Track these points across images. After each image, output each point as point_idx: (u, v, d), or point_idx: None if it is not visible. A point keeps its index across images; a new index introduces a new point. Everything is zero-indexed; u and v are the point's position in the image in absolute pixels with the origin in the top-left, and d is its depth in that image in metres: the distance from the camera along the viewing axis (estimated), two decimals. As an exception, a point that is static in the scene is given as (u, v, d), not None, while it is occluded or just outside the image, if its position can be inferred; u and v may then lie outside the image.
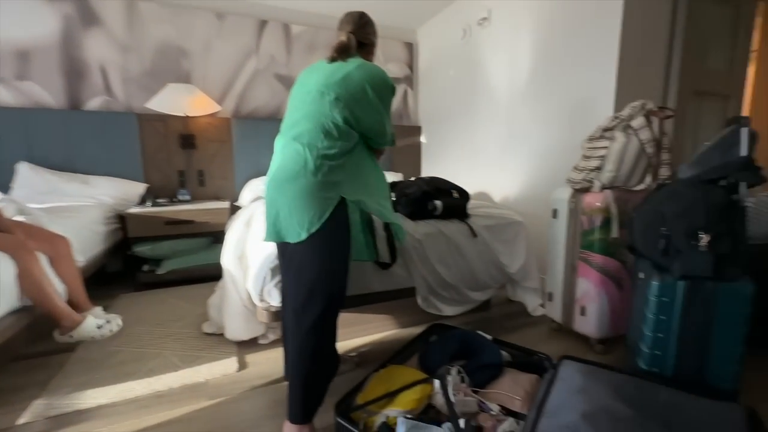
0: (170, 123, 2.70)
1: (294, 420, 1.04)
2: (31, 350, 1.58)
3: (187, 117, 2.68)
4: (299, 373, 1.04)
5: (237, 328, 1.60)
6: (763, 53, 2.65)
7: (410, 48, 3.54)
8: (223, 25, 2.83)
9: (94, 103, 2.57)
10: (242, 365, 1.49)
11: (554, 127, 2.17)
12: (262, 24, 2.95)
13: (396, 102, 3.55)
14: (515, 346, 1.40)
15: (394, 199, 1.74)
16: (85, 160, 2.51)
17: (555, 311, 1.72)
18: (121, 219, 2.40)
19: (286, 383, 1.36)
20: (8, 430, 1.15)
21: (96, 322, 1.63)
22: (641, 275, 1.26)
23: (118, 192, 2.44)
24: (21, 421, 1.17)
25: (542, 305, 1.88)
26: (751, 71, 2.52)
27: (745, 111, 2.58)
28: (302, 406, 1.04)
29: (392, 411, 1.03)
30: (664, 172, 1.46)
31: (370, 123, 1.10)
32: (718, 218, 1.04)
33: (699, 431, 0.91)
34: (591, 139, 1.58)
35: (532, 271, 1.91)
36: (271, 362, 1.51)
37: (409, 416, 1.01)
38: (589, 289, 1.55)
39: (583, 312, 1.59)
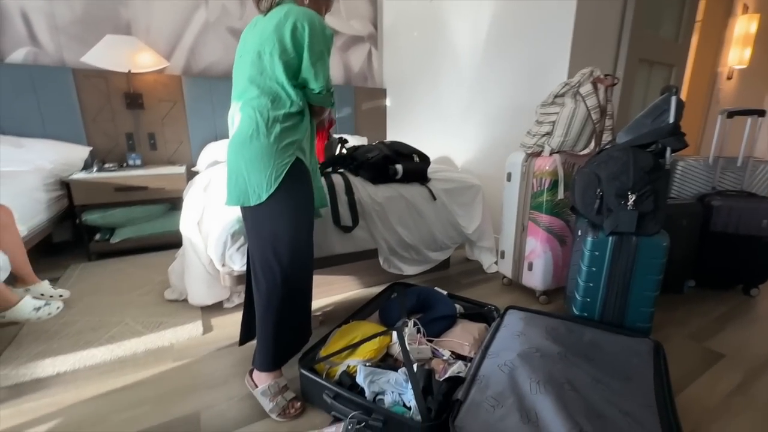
0: (112, 80, 2.47)
1: (261, 368, 1.11)
2: (-25, 324, 1.50)
3: (131, 73, 2.46)
4: (269, 327, 1.09)
5: (200, 294, 1.61)
6: (706, 23, 2.80)
7: (374, 4, 3.38)
8: (165, -31, 2.55)
9: (17, 55, 2.28)
10: (207, 328, 1.51)
11: (512, 92, 2.23)
12: (211, -31, 2.69)
13: (360, 62, 3.43)
14: (467, 299, 1.53)
15: (355, 162, 1.76)
16: (15, 121, 2.27)
17: (506, 268, 1.87)
18: (65, 186, 2.24)
19: (251, 343, 1.41)
20: (-39, 401, 1.12)
21: (34, 303, 1.48)
22: (579, 232, 1.39)
23: (58, 156, 2.25)
24: (-26, 392, 1.15)
25: (496, 263, 2.03)
26: (694, 41, 2.67)
27: (686, 79, 2.76)
28: (272, 356, 1.10)
29: (353, 361, 1.12)
30: (606, 137, 1.57)
31: (305, 67, 1.03)
32: (643, 180, 1.16)
33: (614, 362, 1.07)
34: (543, 104, 1.65)
35: (487, 231, 2.04)
36: (237, 325, 1.52)
37: (368, 364, 1.10)
38: (536, 246, 1.69)
39: (530, 267, 1.73)
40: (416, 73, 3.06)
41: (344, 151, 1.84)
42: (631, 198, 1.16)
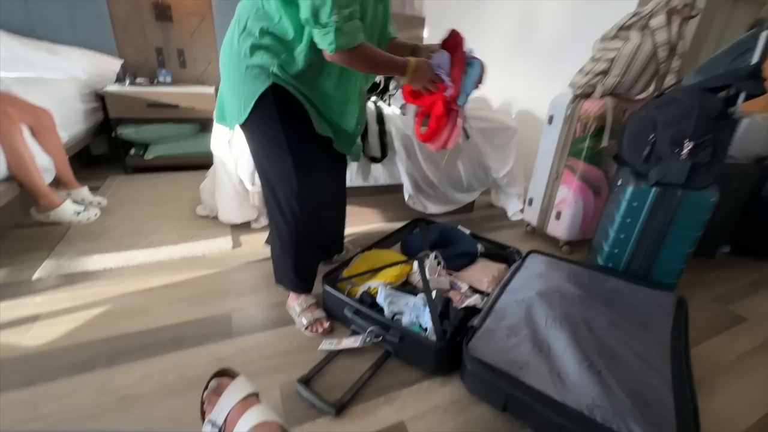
0: (140, -13, 2.36)
1: (288, 289, 1.17)
2: (28, 221, 1.62)
3: (159, -19, 2.33)
4: (278, 255, 1.11)
5: (230, 212, 1.67)
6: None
7: None
8: None
9: (45, -48, 2.18)
10: (236, 244, 1.59)
11: (567, 27, 2.00)
12: None
13: (399, -16, 3.12)
14: (490, 240, 1.52)
15: (388, 92, 1.67)
16: (48, 26, 2.24)
17: (532, 215, 1.83)
18: (100, 98, 2.27)
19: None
20: (25, 283, 1.26)
21: (74, 208, 1.58)
22: (620, 182, 1.32)
23: (92, 66, 2.25)
24: (35, 276, 1.29)
25: (521, 211, 1.99)
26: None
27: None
28: (289, 281, 1.14)
29: (374, 283, 1.17)
30: (669, 80, 1.41)
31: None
32: (706, 128, 1.05)
33: (634, 310, 1.07)
34: (604, 38, 1.47)
35: (517, 177, 1.97)
36: (264, 243, 1.62)
37: (388, 287, 1.14)
38: (568, 195, 1.63)
39: (558, 216, 1.69)
40: (460, 4, 2.77)
41: (377, 79, 1.75)
42: (687, 147, 1.06)
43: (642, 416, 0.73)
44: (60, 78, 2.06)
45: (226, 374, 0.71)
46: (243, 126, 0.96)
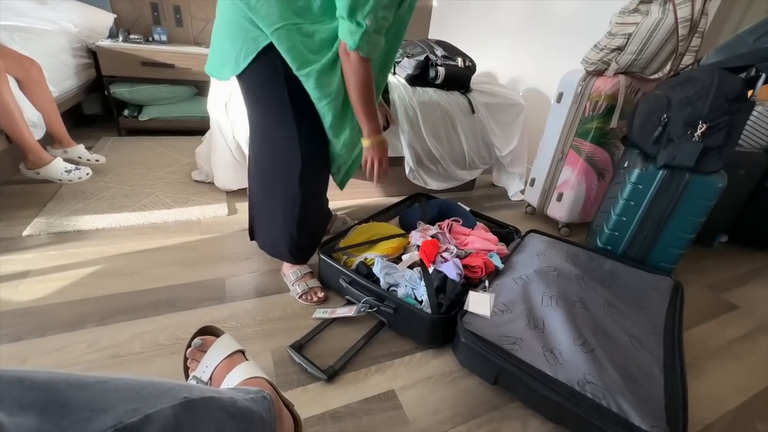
0: (134, -66, 2.21)
1: (283, 260, 1.15)
2: (19, 178, 1.57)
3: (155, -72, 2.18)
4: (275, 221, 1.06)
5: (226, 178, 1.63)
6: None
7: None
8: None
9: None
10: (232, 210, 1.57)
11: (584, 2, 1.90)
12: None
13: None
14: (489, 218, 1.51)
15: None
16: (36, -27, 2.11)
17: (533, 196, 1.80)
18: (93, 55, 2.17)
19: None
20: (15, 239, 1.24)
21: (65, 165, 1.51)
22: (626, 164, 1.29)
23: (83, 19, 2.14)
24: (26, 233, 1.26)
25: (522, 191, 1.96)
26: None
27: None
28: (286, 253, 1.10)
29: (370, 254, 1.15)
30: (687, 60, 1.35)
31: None
32: (722, 109, 1.01)
33: (630, 291, 1.07)
34: (622, 12, 1.40)
35: (521, 157, 1.93)
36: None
37: (385, 259, 1.13)
38: (572, 177, 1.60)
39: (559, 198, 1.67)
40: (474, -33, 2.63)
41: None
42: (701, 128, 1.03)
43: (632, 394, 0.73)
44: (49, 29, 1.96)
45: (210, 332, 0.70)
46: (241, 75, 0.88)
